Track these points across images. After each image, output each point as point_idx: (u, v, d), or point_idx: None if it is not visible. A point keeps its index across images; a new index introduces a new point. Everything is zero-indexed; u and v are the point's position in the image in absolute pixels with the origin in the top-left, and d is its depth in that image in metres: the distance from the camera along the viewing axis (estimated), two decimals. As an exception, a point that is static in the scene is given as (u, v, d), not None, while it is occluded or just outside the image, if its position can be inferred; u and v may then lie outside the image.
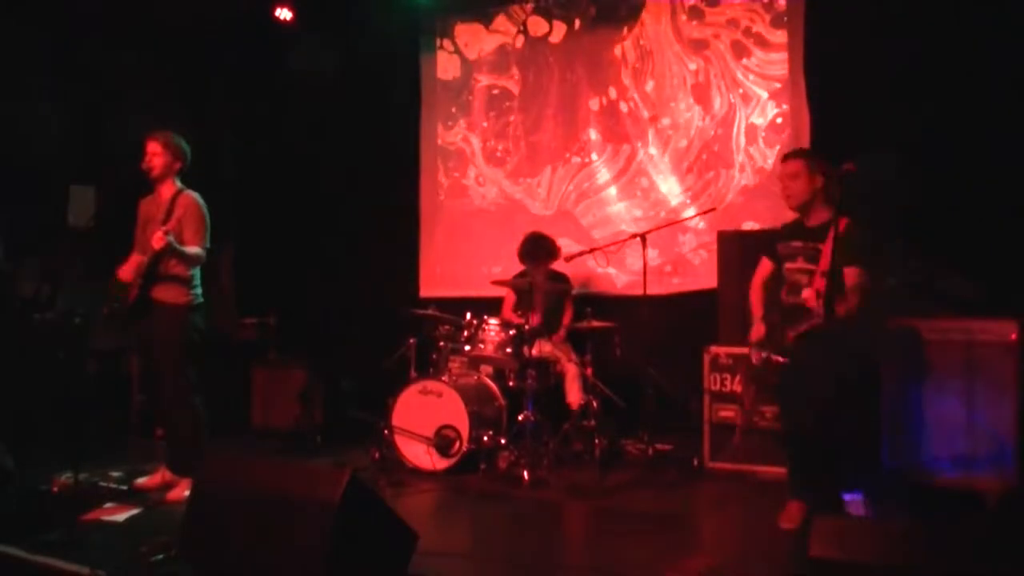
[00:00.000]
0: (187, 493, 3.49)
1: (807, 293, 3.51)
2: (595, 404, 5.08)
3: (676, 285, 5.59)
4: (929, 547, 2.24)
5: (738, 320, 4.98)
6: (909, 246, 4.33)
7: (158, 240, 4.08)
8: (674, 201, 5.98)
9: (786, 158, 3.85)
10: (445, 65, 6.94)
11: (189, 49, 7.10)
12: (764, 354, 3.67)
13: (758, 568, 3.35)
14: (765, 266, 3.98)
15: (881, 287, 3.49)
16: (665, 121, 6.11)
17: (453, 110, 6.91)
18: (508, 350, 5.10)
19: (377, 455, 5.06)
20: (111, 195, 4.70)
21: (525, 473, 4.59)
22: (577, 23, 6.45)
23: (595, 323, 5.22)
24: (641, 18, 6.22)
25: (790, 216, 3.90)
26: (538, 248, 5.70)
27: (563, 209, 6.43)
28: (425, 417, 4.90)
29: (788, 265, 3.75)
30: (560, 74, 6.50)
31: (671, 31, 6.12)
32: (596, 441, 4.97)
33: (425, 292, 6.77)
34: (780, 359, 3.58)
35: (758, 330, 3.82)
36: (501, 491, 4.53)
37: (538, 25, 6.59)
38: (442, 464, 4.83)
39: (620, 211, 6.16)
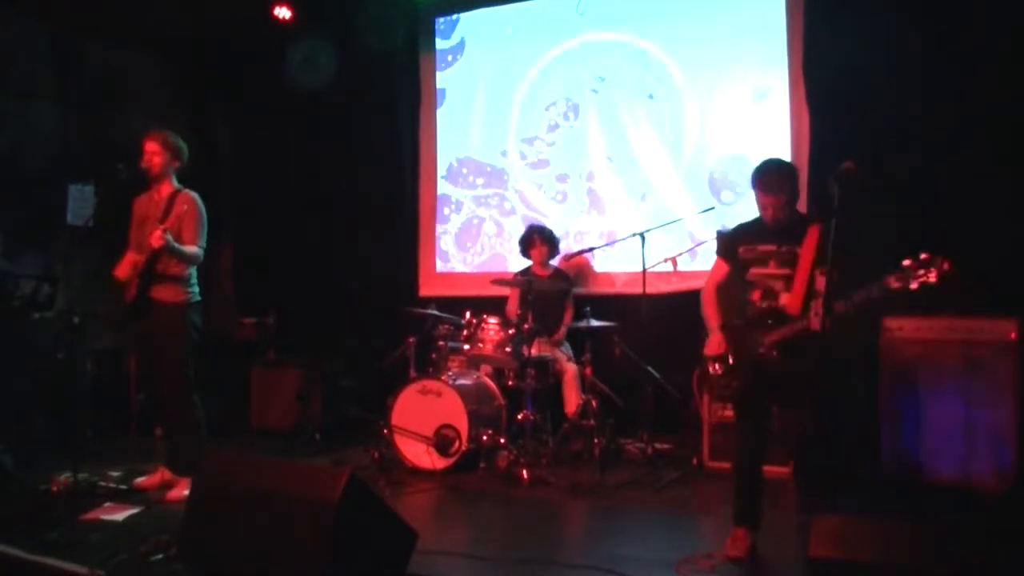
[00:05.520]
0: (186, 492, 3.50)
1: (787, 299, 3.46)
2: (595, 404, 5.08)
3: (676, 285, 5.57)
4: (929, 547, 2.24)
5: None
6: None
7: (157, 239, 4.10)
8: (674, 200, 5.96)
9: (770, 183, 3.49)
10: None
11: (189, 49, 7.11)
12: (721, 368, 3.59)
13: (758, 568, 3.35)
14: (721, 269, 3.79)
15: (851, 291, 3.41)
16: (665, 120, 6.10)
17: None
18: (507, 349, 5.10)
19: (376, 454, 5.06)
20: (110, 194, 4.70)
21: (524, 472, 4.60)
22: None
23: (595, 323, 5.23)
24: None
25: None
26: (536, 237, 5.78)
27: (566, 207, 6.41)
28: (424, 416, 4.90)
29: (756, 270, 3.60)
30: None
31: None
32: (596, 441, 4.95)
33: (425, 292, 6.75)
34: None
35: (718, 343, 3.63)
36: (501, 490, 4.54)
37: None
38: (441, 463, 4.83)
39: (622, 210, 6.14)
